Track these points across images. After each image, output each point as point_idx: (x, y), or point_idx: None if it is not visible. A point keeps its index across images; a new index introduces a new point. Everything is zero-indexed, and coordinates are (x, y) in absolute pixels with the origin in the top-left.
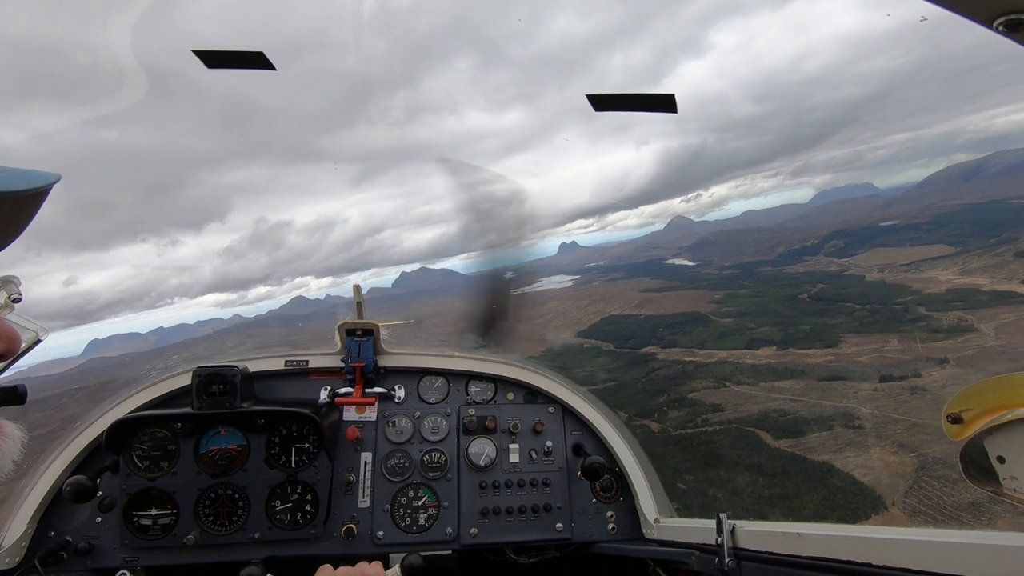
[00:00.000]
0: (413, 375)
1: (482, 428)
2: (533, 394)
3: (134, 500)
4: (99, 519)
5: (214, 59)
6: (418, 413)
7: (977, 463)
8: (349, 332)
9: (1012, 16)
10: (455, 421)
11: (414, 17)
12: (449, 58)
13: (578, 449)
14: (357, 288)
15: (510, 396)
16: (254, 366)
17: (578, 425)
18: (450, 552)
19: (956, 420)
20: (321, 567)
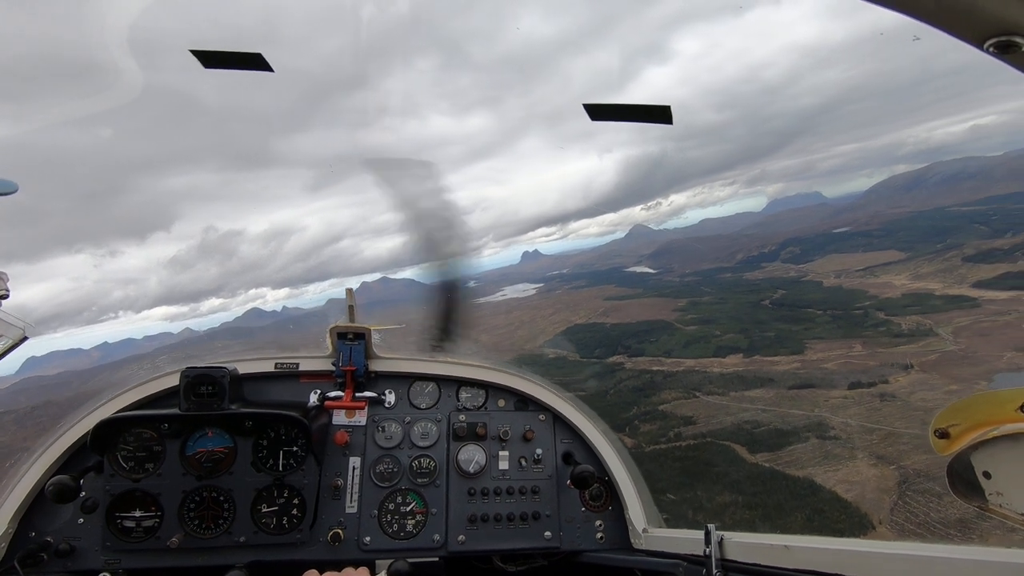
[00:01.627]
0: (404, 380)
1: (472, 434)
2: (524, 401)
3: (118, 501)
4: (81, 520)
5: (211, 59)
6: (408, 418)
7: (964, 478)
8: (340, 335)
9: (1003, 38)
10: (445, 427)
11: (370, 11)
12: (410, 58)
13: (568, 457)
14: (350, 291)
15: (501, 403)
16: (243, 368)
17: (568, 433)
18: (437, 559)
19: (943, 435)
20: (306, 573)
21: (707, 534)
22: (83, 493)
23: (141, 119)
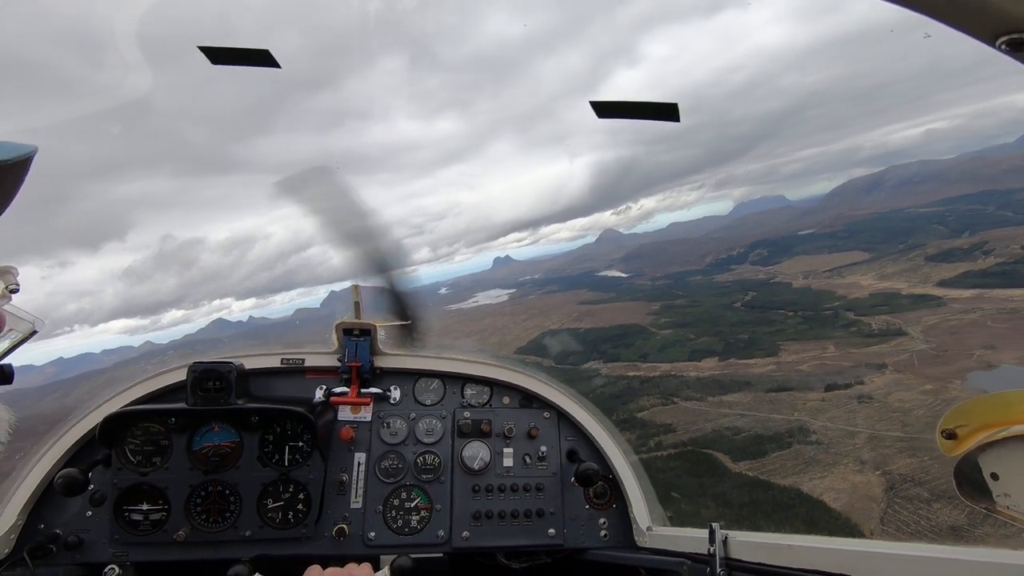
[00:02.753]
0: (409, 376)
1: (477, 431)
2: (529, 398)
3: (125, 495)
4: (89, 513)
5: (220, 56)
6: (413, 415)
7: (971, 479)
8: (346, 331)
9: (1015, 35)
10: (450, 424)
11: (331, 5)
12: (374, 58)
13: (572, 455)
14: (355, 288)
15: (506, 400)
16: (250, 363)
17: (573, 431)
18: (441, 555)
19: (951, 436)
20: (310, 567)
21: (711, 533)
22: (91, 486)
23: (85, 121)
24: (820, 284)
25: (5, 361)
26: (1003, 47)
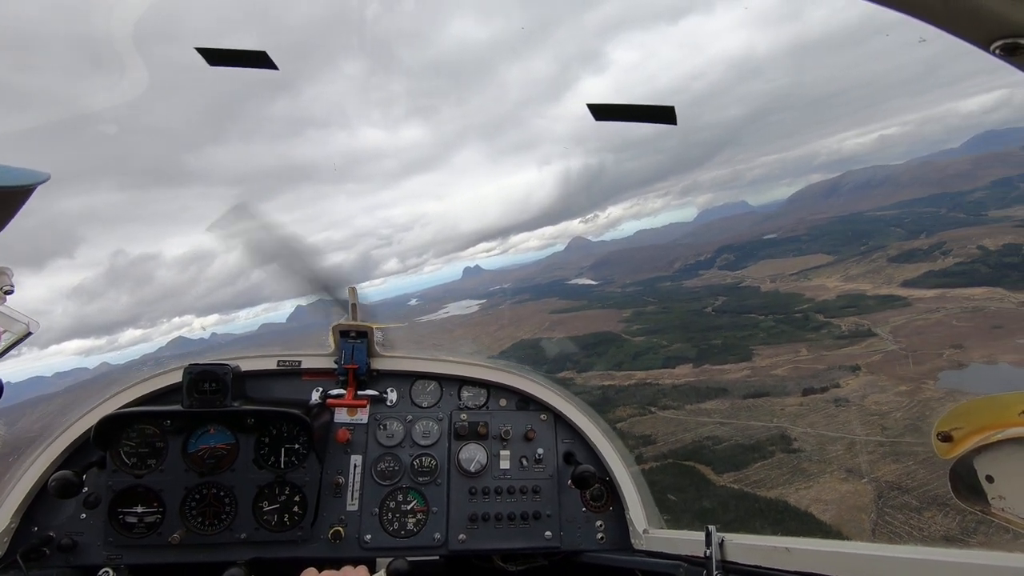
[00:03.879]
0: (406, 378)
1: (473, 434)
2: (525, 401)
3: (120, 497)
4: (84, 515)
5: (217, 57)
6: (410, 417)
7: (966, 482)
8: (343, 334)
9: (1009, 40)
10: (447, 426)
11: (286, 5)
12: (334, 61)
13: (569, 457)
14: (352, 290)
15: (502, 402)
16: (246, 365)
17: (570, 433)
18: (438, 558)
19: (946, 438)
20: (306, 570)
21: (708, 535)
22: (86, 489)
23: (16, 129)
24: (788, 287)
25: None
26: (997, 52)
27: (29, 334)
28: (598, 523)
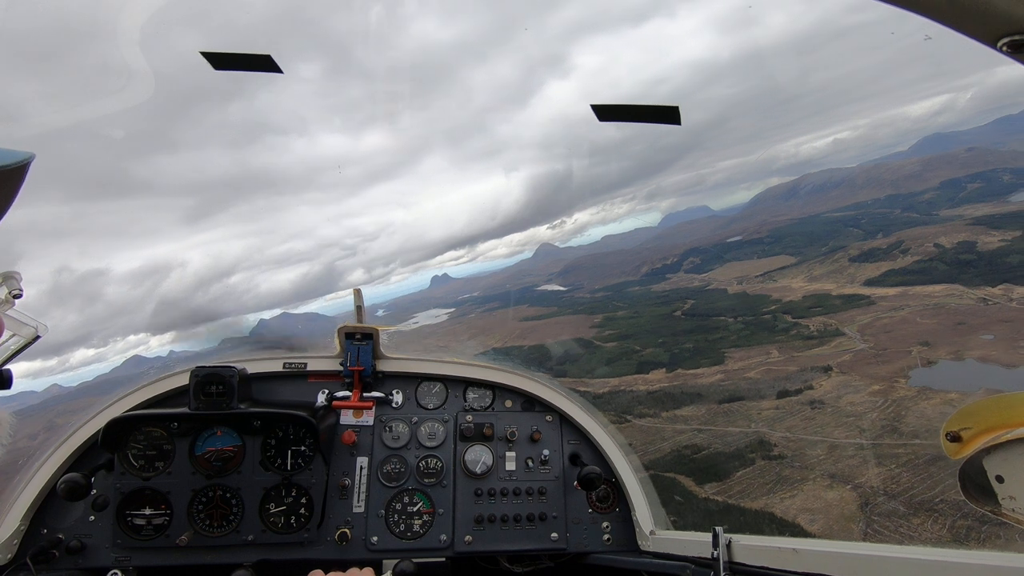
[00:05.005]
0: (411, 380)
1: (479, 435)
2: (531, 402)
3: (128, 499)
4: (92, 517)
5: (220, 61)
6: (415, 418)
7: (976, 482)
8: (348, 336)
9: (1016, 37)
10: (452, 427)
11: (234, 4)
12: (288, 63)
13: (575, 458)
14: (357, 292)
15: (508, 403)
16: (252, 367)
17: (575, 434)
18: (444, 559)
19: (955, 439)
20: (312, 572)
21: (715, 536)
22: (94, 491)
23: None
24: (754, 289)
25: (6, 367)
26: (1004, 49)
27: (38, 337)
28: (604, 524)
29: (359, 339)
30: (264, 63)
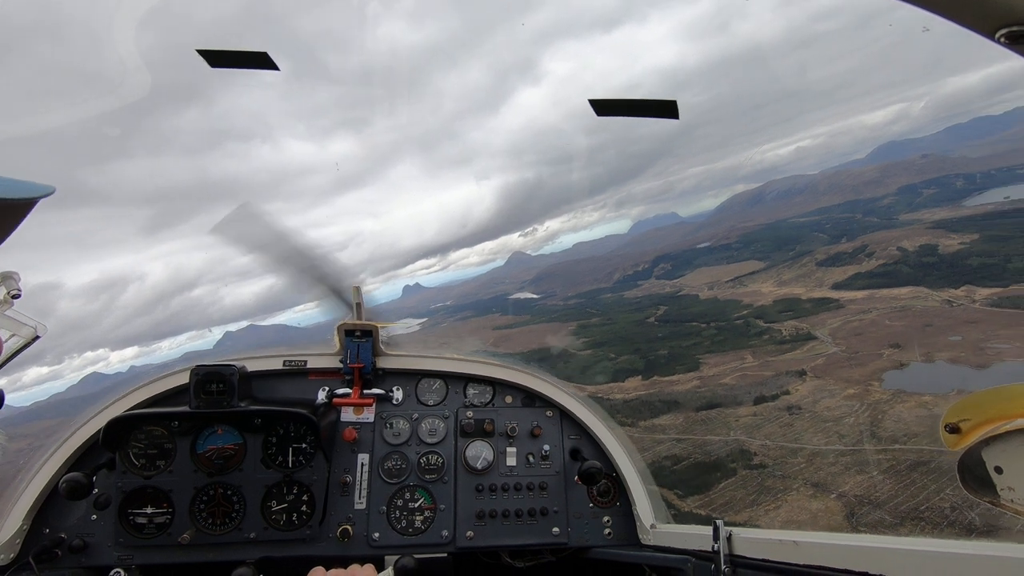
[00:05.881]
0: (411, 377)
1: (479, 431)
2: (531, 397)
3: (130, 498)
4: (94, 516)
5: (217, 58)
6: (416, 415)
7: (975, 473)
8: (348, 333)
9: (1014, 28)
10: (453, 423)
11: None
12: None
13: (575, 453)
14: (356, 289)
15: (508, 399)
16: (252, 365)
17: (576, 429)
18: (445, 555)
19: (954, 430)
20: (314, 569)
21: (715, 530)
22: (96, 490)
23: None
24: (725, 294)
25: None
26: (1002, 40)
27: (37, 338)
28: (605, 519)
29: (359, 336)
30: (260, 61)
